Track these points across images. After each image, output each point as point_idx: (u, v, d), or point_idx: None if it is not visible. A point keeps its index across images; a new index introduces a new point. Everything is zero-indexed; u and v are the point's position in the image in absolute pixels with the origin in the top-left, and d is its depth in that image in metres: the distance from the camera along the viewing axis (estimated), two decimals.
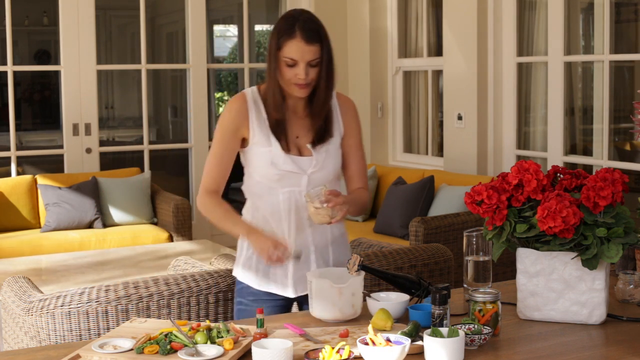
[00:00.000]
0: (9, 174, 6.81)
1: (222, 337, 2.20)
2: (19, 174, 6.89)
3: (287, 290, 2.76)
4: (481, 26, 6.28)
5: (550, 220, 2.25)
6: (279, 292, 2.76)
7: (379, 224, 6.11)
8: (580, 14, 6.13)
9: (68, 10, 6.87)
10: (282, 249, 2.56)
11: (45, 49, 11.59)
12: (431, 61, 7.09)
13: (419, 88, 7.33)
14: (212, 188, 2.75)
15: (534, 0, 6.24)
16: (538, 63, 6.21)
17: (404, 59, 7.35)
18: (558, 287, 2.38)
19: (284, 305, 2.80)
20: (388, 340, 2.09)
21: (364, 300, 2.53)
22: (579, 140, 6.18)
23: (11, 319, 3.07)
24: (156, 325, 2.38)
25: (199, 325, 2.28)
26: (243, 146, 2.75)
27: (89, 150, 7.00)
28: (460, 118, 6.47)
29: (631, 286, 2.59)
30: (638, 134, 3.23)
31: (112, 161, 7.47)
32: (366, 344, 2.07)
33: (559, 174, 2.47)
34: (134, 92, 10.93)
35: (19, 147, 7.67)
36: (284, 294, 2.76)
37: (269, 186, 2.72)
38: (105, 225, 6.44)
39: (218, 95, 11.96)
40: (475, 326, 2.20)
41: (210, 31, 10.54)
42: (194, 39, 7.33)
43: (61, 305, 2.92)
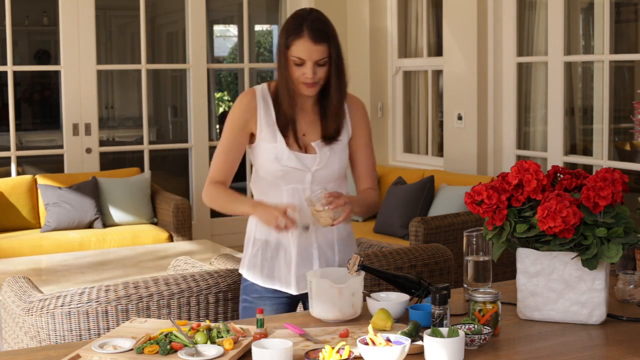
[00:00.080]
0: (9, 174, 6.80)
1: (222, 337, 2.20)
2: (19, 174, 6.89)
3: (290, 288, 2.77)
4: (481, 26, 6.28)
5: (550, 220, 2.25)
6: (282, 289, 2.77)
7: (379, 224, 6.11)
8: (580, 14, 6.13)
9: (68, 10, 6.87)
10: (290, 217, 2.56)
11: (45, 49, 11.58)
12: (431, 61, 7.09)
13: (419, 88, 7.33)
14: (219, 180, 2.77)
15: (534, 0, 6.24)
16: (538, 63, 6.21)
17: (404, 59, 7.35)
18: (558, 287, 2.38)
19: (288, 303, 2.81)
20: (388, 340, 2.09)
21: (364, 300, 2.53)
22: (579, 140, 6.18)
23: (11, 319, 3.07)
24: (156, 325, 2.38)
25: (199, 325, 2.28)
26: (251, 142, 2.77)
27: (89, 150, 7.00)
28: (460, 118, 6.47)
29: (631, 286, 2.59)
30: (638, 134, 3.23)
31: (112, 161, 7.46)
32: (366, 344, 2.07)
33: (559, 174, 2.47)
34: (134, 92, 10.92)
35: (19, 147, 7.66)
36: (287, 290, 2.77)
37: (273, 182, 2.73)
38: (105, 225, 6.44)
39: (218, 95, 11.96)
40: (475, 326, 2.20)
41: (210, 31, 10.53)
42: (194, 39, 7.33)
43: (61, 305, 2.92)
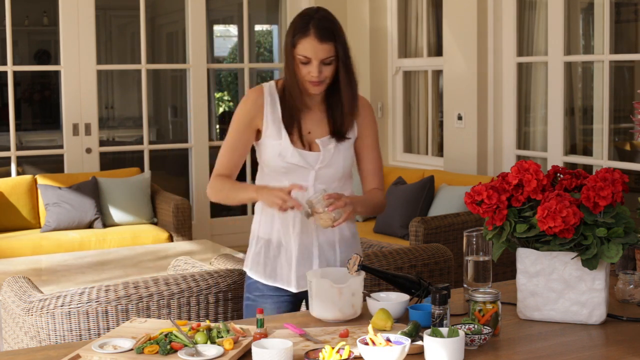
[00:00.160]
0: (9, 174, 6.80)
1: (222, 337, 2.20)
2: (19, 174, 6.89)
3: (290, 285, 2.77)
4: (481, 26, 6.28)
5: (550, 220, 2.25)
6: (283, 287, 2.78)
7: (379, 224, 6.11)
8: (580, 14, 6.13)
9: (68, 10, 6.87)
10: (295, 197, 2.56)
11: (45, 49, 11.58)
12: (431, 61, 7.09)
13: (419, 88, 7.33)
14: (223, 173, 2.78)
15: (534, 0, 6.24)
16: (538, 63, 6.21)
17: (404, 59, 7.35)
18: (558, 287, 2.38)
19: (290, 302, 2.81)
20: (388, 340, 2.09)
21: (364, 300, 2.53)
22: (579, 140, 6.18)
23: (11, 319, 3.07)
24: (156, 325, 2.38)
25: (199, 325, 2.28)
26: (257, 139, 2.78)
27: (89, 150, 7.00)
28: (460, 118, 6.47)
29: (631, 286, 2.59)
30: (638, 134, 3.23)
31: (112, 161, 7.47)
32: (366, 344, 2.07)
33: (559, 174, 2.47)
34: (134, 92, 10.92)
35: (19, 147, 7.66)
36: (287, 288, 2.78)
37: (277, 179, 2.73)
38: (105, 225, 6.44)
39: (218, 95, 11.95)
40: (475, 326, 2.20)
41: (210, 31, 10.53)
42: (194, 39, 7.33)
43: (61, 305, 2.92)
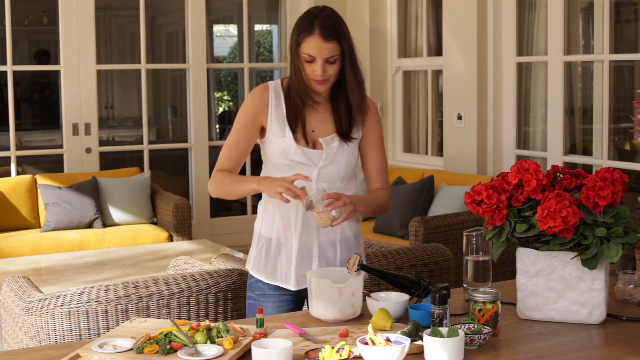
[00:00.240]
0: (9, 174, 6.81)
1: (222, 337, 2.20)
2: (19, 174, 6.89)
3: (290, 284, 2.78)
4: (481, 26, 6.28)
5: (550, 220, 2.25)
6: (283, 286, 2.79)
7: (379, 224, 6.11)
8: (580, 14, 6.13)
9: (68, 10, 6.87)
10: (298, 186, 2.57)
11: (45, 49, 11.57)
12: (431, 61, 7.09)
13: (419, 88, 7.33)
14: (225, 168, 2.78)
15: (534, 0, 6.24)
16: (538, 63, 6.21)
17: (404, 59, 7.35)
18: (558, 287, 2.38)
19: (292, 301, 2.81)
20: (388, 340, 2.09)
21: (364, 300, 2.53)
22: (579, 140, 6.18)
23: (11, 319, 3.07)
24: (156, 325, 2.38)
25: (199, 325, 2.28)
26: (262, 136, 2.78)
27: (89, 150, 7.00)
28: (460, 118, 6.47)
29: (631, 286, 2.59)
30: (638, 134, 3.23)
31: (112, 161, 7.47)
32: (366, 344, 2.07)
33: (559, 174, 2.47)
34: (134, 92, 10.91)
35: (19, 147, 7.66)
36: (287, 287, 2.78)
37: (280, 177, 2.73)
38: (105, 225, 6.44)
39: (218, 95, 11.95)
40: (475, 326, 2.20)
41: (210, 31, 10.52)
42: (194, 39, 7.33)
43: (61, 305, 2.92)
